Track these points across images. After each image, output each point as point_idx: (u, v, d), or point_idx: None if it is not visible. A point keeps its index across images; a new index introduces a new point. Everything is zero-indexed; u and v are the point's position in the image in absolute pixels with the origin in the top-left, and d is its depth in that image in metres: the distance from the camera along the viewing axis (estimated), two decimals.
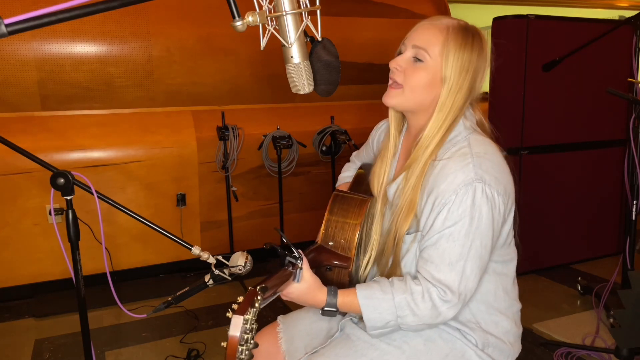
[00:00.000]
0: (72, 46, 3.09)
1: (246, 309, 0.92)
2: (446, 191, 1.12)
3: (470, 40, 1.17)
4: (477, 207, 1.11)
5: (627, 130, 2.27)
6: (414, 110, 1.24)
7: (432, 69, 1.17)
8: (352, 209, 1.30)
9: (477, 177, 1.11)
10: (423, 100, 1.21)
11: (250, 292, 0.96)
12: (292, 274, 1.14)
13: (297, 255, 1.16)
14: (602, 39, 2.97)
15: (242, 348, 0.90)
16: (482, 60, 1.19)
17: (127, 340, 2.66)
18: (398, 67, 1.21)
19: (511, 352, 1.28)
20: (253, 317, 0.92)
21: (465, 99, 1.20)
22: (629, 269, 2.30)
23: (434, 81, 1.18)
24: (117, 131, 3.27)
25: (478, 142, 1.18)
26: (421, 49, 1.18)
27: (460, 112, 1.20)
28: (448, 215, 1.12)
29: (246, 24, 0.99)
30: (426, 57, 1.17)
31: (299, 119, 3.72)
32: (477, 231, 1.12)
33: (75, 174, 1.48)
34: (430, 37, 1.18)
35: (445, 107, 1.18)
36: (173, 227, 3.39)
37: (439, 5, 4.12)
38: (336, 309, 1.18)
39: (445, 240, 1.12)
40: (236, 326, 0.90)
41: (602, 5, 7.66)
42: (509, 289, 1.28)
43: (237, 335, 0.90)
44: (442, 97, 1.18)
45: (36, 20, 0.75)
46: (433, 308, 1.12)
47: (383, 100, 1.25)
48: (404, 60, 1.20)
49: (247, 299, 0.94)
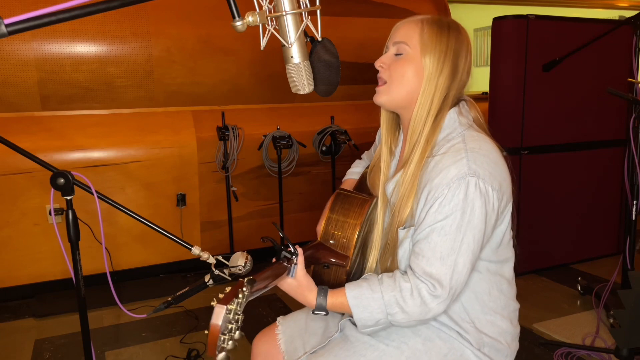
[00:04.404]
0: (72, 46, 3.09)
1: (230, 299, 0.94)
2: (439, 185, 1.12)
3: (445, 26, 1.21)
4: (470, 201, 1.11)
5: (627, 130, 2.27)
6: (403, 104, 1.25)
7: (413, 58, 1.21)
8: (353, 208, 1.30)
9: (471, 171, 1.11)
10: (409, 91, 1.22)
11: (238, 283, 0.98)
12: (287, 268, 1.16)
13: (292, 251, 1.17)
14: (602, 39, 2.98)
15: (224, 337, 0.92)
16: (461, 43, 1.22)
17: (127, 340, 2.66)
18: (383, 65, 1.25)
19: (508, 351, 1.28)
20: (238, 308, 0.94)
21: (449, 81, 1.21)
22: (629, 269, 2.30)
23: (416, 70, 1.21)
24: (117, 131, 3.27)
25: (473, 137, 1.19)
26: (401, 43, 1.22)
27: (447, 95, 1.22)
28: (440, 209, 1.12)
29: (246, 24, 0.99)
30: (406, 48, 1.21)
31: (299, 119, 3.72)
32: (469, 225, 1.11)
33: (75, 174, 1.48)
34: (407, 30, 1.22)
35: (428, 90, 1.20)
36: (173, 227, 3.39)
37: (439, 5, 4.12)
38: (326, 312, 1.19)
39: (436, 234, 1.12)
40: (218, 315, 0.92)
41: (602, 5, 7.67)
42: (505, 288, 1.28)
43: (219, 324, 0.91)
44: (425, 81, 1.20)
45: (36, 20, 0.75)
46: (422, 304, 1.12)
47: (374, 100, 1.27)
48: (388, 57, 1.25)
49: (233, 290, 0.96)
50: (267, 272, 1.10)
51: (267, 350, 1.41)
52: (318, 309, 1.18)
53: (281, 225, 3.49)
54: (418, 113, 1.21)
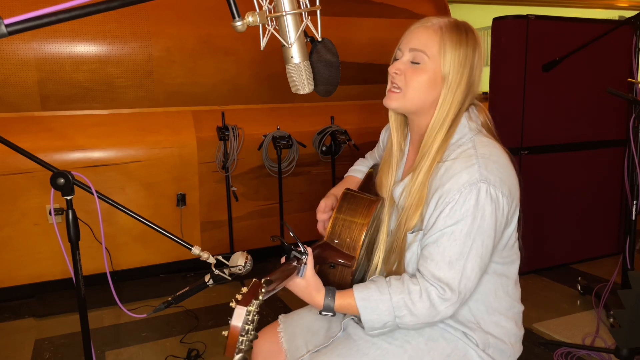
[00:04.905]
0: (72, 46, 3.09)
1: (250, 300, 0.93)
2: (450, 190, 1.13)
3: (464, 36, 1.20)
4: (481, 207, 1.12)
5: (627, 130, 2.27)
6: (415, 111, 1.25)
7: (432, 69, 1.19)
8: (360, 209, 1.30)
9: (482, 177, 1.12)
10: (424, 100, 1.22)
11: (255, 283, 0.97)
12: (297, 268, 1.15)
13: (302, 251, 1.16)
14: (602, 39, 2.98)
15: (242, 339, 0.92)
16: (478, 54, 1.22)
17: (127, 340, 2.66)
18: (398, 72, 1.22)
19: (512, 352, 1.28)
20: (255, 309, 0.94)
21: (465, 93, 1.21)
22: (629, 269, 2.31)
23: (434, 81, 1.20)
24: (117, 131, 3.27)
25: (483, 143, 1.19)
26: (419, 51, 1.20)
27: (462, 106, 1.22)
28: (450, 214, 1.12)
29: (246, 24, 0.99)
30: (424, 58, 1.19)
31: (299, 119, 3.72)
32: (478, 231, 1.12)
33: (75, 174, 1.48)
34: (426, 39, 1.19)
35: (445, 104, 1.20)
36: (173, 227, 3.39)
37: (439, 5, 4.12)
38: (333, 313, 1.19)
39: (446, 239, 1.13)
40: (239, 317, 0.91)
41: (602, 5, 7.67)
42: (511, 290, 1.28)
43: (239, 326, 0.91)
44: (443, 94, 1.20)
45: (36, 20, 0.75)
46: (431, 307, 1.12)
47: (384, 103, 1.26)
48: (403, 64, 1.22)
49: (251, 290, 0.96)
50: (278, 272, 1.10)
51: (268, 349, 1.41)
52: (325, 309, 1.18)
53: (281, 225, 3.49)
54: (433, 125, 1.21)
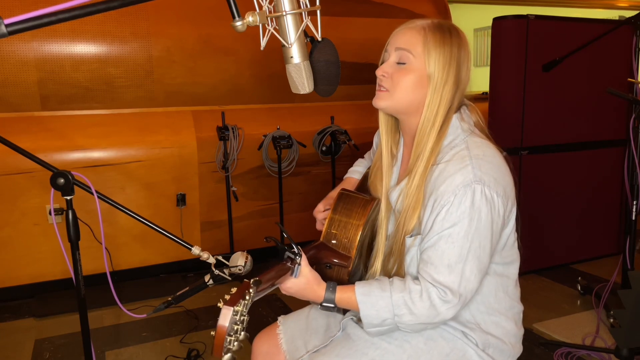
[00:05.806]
0: (72, 46, 3.09)
1: (237, 300, 0.93)
2: (445, 192, 1.13)
3: (447, 35, 1.20)
4: (477, 208, 1.11)
5: (627, 130, 2.27)
6: (405, 111, 1.25)
7: (418, 68, 1.20)
8: (355, 209, 1.30)
9: (476, 178, 1.12)
10: (412, 100, 1.22)
11: (244, 284, 0.98)
12: (290, 269, 1.15)
13: (296, 251, 1.16)
14: (602, 39, 2.98)
15: (230, 338, 0.92)
16: (463, 51, 1.22)
17: (127, 340, 2.66)
18: (385, 74, 1.23)
19: (512, 352, 1.28)
20: (244, 309, 0.94)
21: (453, 92, 1.21)
22: (629, 269, 2.31)
23: (420, 80, 1.20)
24: (117, 131, 3.27)
25: (476, 144, 1.19)
26: (404, 50, 1.20)
27: (451, 105, 1.22)
28: (447, 217, 1.12)
29: (246, 24, 0.99)
30: (410, 57, 1.20)
31: (299, 119, 3.72)
32: (476, 232, 1.12)
33: (75, 174, 1.48)
34: (410, 38, 1.20)
35: (434, 102, 1.20)
36: (173, 227, 3.39)
37: (438, 5, 4.12)
38: (334, 305, 1.18)
39: (444, 242, 1.13)
40: (225, 316, 0.92)
41: (602, 5, 7.66)
42: (510, 290, 1.28)
43: (226, 326, 0.91)
44: (430, 93, 1.20)
45: (36, 20, 0.75)
46: (431, 307, 1.12)
47: (373, 103, 1.26)
48: (389, 66, 1.23)
49: (239, 291, 0.96)
50: (270, 272, 1.09)
51: (267, 350, 1.41)
52: (326, 301, 1.18)
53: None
54: (423, 125, 1.21)
